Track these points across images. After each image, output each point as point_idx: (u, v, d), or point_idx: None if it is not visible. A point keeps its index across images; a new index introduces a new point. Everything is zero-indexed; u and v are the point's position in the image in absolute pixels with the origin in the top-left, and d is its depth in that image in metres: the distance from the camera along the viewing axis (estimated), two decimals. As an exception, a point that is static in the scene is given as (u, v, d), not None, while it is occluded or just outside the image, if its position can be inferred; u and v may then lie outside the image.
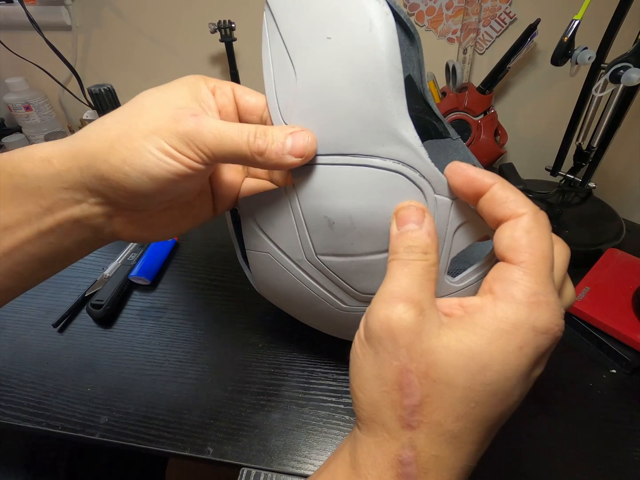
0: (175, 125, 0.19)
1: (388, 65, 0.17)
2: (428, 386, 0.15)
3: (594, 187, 0.51)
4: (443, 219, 0.20)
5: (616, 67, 0.39)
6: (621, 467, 0.29)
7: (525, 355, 0.15)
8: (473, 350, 0.15)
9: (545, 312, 0.15)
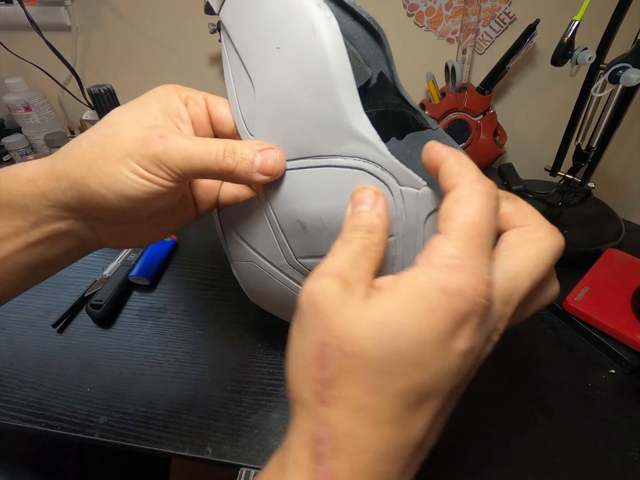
0: (146, 149, 0.20)
1: (336, 66, 0.18)
2: (343, 360, 0.15)
3: (593, 187, 0.51)
4: (412, 210, 0.20)
5: (615, 68, 0.39)
6: (620, 467, 0.29)
7: (437, 318, 0.14)
8: (386, 317, 0.14)
9: (458, 275, 0.14)
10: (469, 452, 0.30)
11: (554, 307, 0.41)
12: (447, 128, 0.61)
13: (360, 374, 0.14)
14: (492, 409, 0.33)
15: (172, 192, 0.22)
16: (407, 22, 0.62)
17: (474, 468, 0.29)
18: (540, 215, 0.19)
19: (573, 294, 0.39)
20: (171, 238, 0.50)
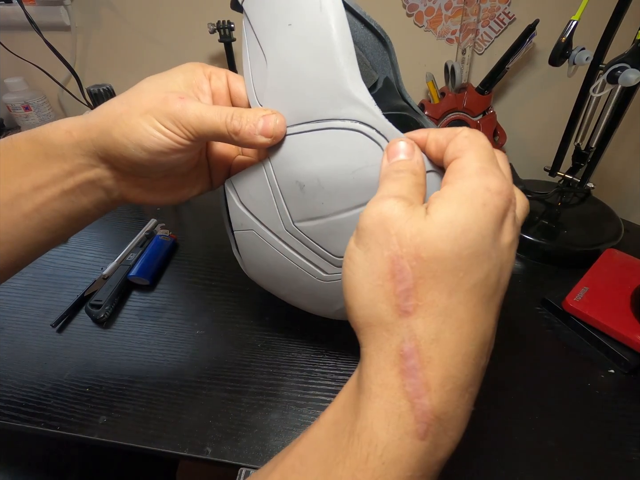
0: (165, 107, 0.22)
1: (338, 35, 0.20)
2: (419, 267, 0.15)
3: (593, 187, 0.51)
4: None
5: (614, 68, 0.39)
6: (620, 467, 0.29)
7: (489, 212, 0.15)
8: (452, 218, 0.15)
9: (493, 178, 0.16)
10: (468, 451, 0.30)
11: (553, 307, 0.41)
12: (447, 128, 0.60)
13: (439, 276, 0.15)
14: (492, 409, 0.33)
15: (186, 150, 0.24)
16: (407, 22, 0.62)
17: (474, 467, 0.29)
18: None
19: (572, 294, 0.39)
20: (171, 238, 0.50)
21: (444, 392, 0.15)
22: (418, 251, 0.15)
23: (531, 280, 0.46)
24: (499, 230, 0.16)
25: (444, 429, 0.15)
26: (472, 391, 0.16)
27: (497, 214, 0.16)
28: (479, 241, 0.15)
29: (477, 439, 0.31)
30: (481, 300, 0.16)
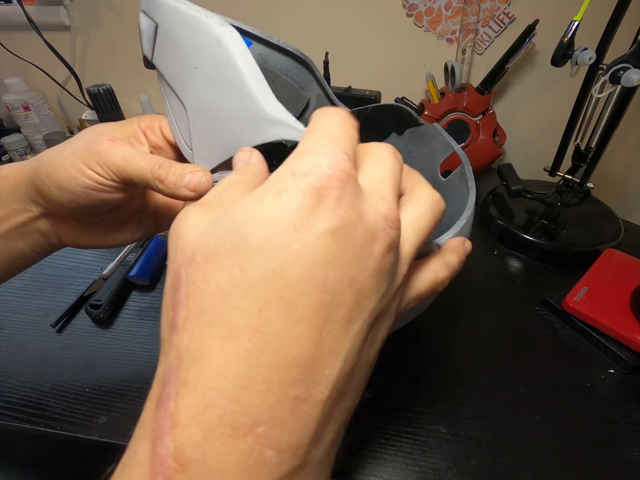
0: (91, 146, 0.22)
1: (242, 63, 0.21)
2: (193, 272, 0.13)
3: (593, 187, 0.51)
4: None
5: (616, 68, 0.39)
6: (619, 467, 0.29)
7: (286, 201, 0.12)
8: (233, 211, 0.13)
9: (309, 157, 0.13)
10: (467, 451, 0.30)
11: (553, 307, 0.41)
12: (447, 128, 0.61)
13: (212, 279, 0.12)
14: (492, 409, 0.33)
15: (111, 192, 0.23)
16: (407, 22, 0.62)
17: (473, 467, 0.29)
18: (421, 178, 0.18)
19: (572, 294, 0.39)
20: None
21: (197, 427, 0.11)
22: (194, 255, 0.13)
23: (531, 280, 0.46)
24: (308, 215, 0.12)
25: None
26: (270, 434, 0.11)
27: (299, 199, 0.12)
28: (260, 232, 0.12)
29: (477, 439, 0.31)
30: (270, 302, 0.12)
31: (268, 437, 0.11)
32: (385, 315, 0.14)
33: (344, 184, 0.13)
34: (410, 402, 0.33)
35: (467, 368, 0.36)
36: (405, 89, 0.66)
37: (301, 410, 0.12)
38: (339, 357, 0.12)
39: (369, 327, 0.13)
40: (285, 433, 0.11)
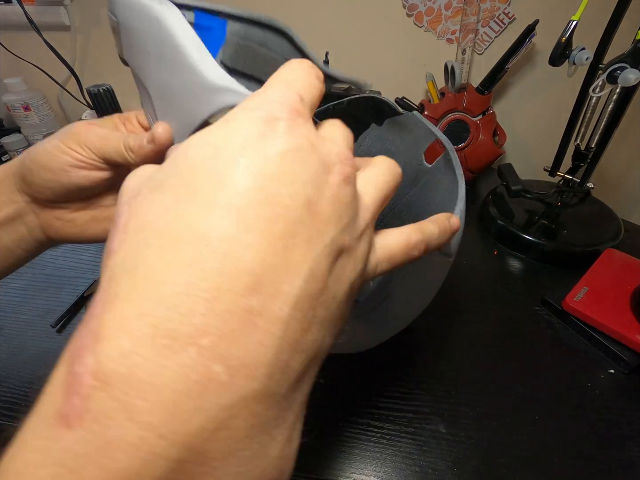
0: (71, 128, 0.25)
1: (182, 37, 0.21)
2: (136, 202, 0.12)
3: (593, 187, 0.51)
4: None
5: (613, 68, 0.39)
6: (620, 467, 0.29)
7: (233, 127, 0.12)
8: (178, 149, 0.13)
9: (258, 96, 0.13)
10: (467, 451, 0.30)
11: (553, 307, 0.41)
12: (447, 128, 0.61)
13: (154, 201, 0.12)
14: (492, 409, 0.33)
15: (90, 169, 0.25)
16: (407, 23, 0.62)
17: (473, 467, 0.29)
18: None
19: (572, 294, 0.39)
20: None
21: (125, 338, 0.09)
22: (140, 189, 0.13)
23: (531, 280, 0.46)
24: (257, 139, 0.12)
25: (121, 406, 0.09)
26: (219, 346, 0.09)
27: (242, 123, 0.12)
28: (206, 150, 0.12)
29: (477, 439, 0.31)
30: (229, 211, 0.11)
31: (215, 350, 0.09)
32: (350, 255, 0.13)
33: (294, 117, 0.13)
34: (410, 402, 0.33)
35: (467, 368, 0.36)
36: (405, 89, 0.66)
37: (256, 325, 0.10)
38: (299, 275, 0.11)
39: (332, 257, 0.12)
40: (237, 348, 0.10)
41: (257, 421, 0.10)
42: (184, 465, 0.09)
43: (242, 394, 0.10)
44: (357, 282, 0.14)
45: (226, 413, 0.09)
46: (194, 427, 0.09)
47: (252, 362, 0.10)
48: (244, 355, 0.10)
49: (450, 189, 0.33)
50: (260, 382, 0.10)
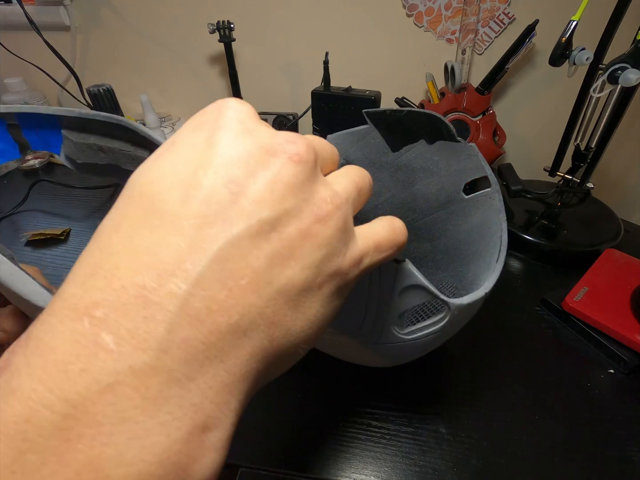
0: None
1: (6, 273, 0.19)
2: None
3: (592, 187, 0.51)
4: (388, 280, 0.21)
5: (614, 68, 0.39)
6: (619, 467, 0.29)
7: (187, 124, 0.14)
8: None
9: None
10: (467, 451, 0.30)
11: (553, 307, 0.41)
12: (447, 128, 0.61)
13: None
14: (491, 409, 0.33)
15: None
16: (407, 23, 0.62)
17: (473, 467, 0.29)
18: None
19: (572, 294, 0.39)
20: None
21: (46, 312, 0.11)
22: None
23: (531, 280, 0.46)
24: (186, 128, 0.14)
25: (26, 362, 0.10)
26: (109, 317, 0.10)
27: (200, 117, 0.14)
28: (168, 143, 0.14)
29: (477, 439, 0.31)
30: (139, 202, 0.12)
31: (106, 320, 0.10)
32: (305, 238, 0.12)
33: (233, 117, 0.13)
34: (410, 402, 0.33)
35: (466, 368, 0.36)
36: (405, 89, 0.66)
37: (148, 299, 0.10)
38: (204, 253, 0.11)
39: (262, 238, 0.12)
40: (127, 320, 0.10)
41: (150, 394, 0.10)
42: (69, 422, 0.09)
43: (129, 364, 0.10)
44: (324, 271, 0.13)
45: (111, 378, 0.10)
46: (79, 385, 0.10)
47: (142, 334, 0.10)
48: (134, 327, 0.10)
49: (481, 224, 0.33)
50: (151, 355, 0.10)
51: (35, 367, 0.10)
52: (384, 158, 0.41)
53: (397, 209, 0.43)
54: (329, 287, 0.14)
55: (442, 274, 0.40)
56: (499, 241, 0.28)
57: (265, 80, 0.74)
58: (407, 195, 0.42)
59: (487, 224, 0.32)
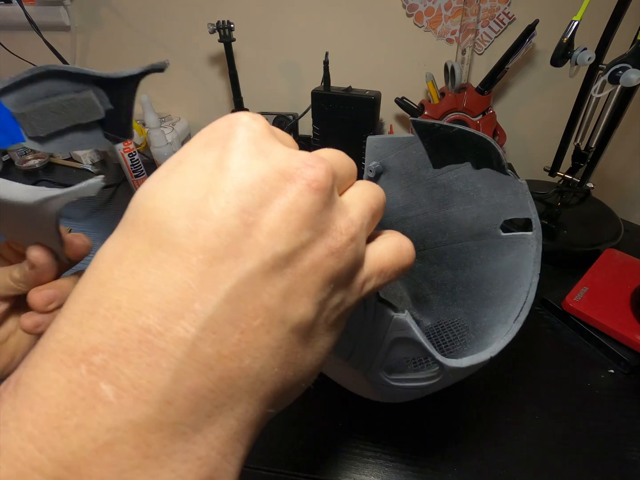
0: None
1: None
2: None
3: (592, 187, 0.51)
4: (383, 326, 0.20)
5: (615, 68, 0.39)
6: (619, 467, 0.29)
7: (194, 140, 0.13)
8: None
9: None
10: (468, 451, 0.30)
11: (553, 307, 0.41)
12: (447, 128, 0.60)
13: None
14: (491, 409, 0.33)
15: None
16: (407, 23, 0.62)
17: (473, 467, 0.29)
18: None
19: (572, 294, 0.39)
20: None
21: (36, 353, 0.10)
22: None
23: (531, 280, 0.46)
24: (205, 147, 0.12)
25: (15, 415, 0.09)
26: (109, 364, 0.09)
27: (203, 135, 0.13)
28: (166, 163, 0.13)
29: (477, 439, 0.31)
30: (144, 229, 0.11)
31: (105, 368, 0.09)
32: (317, 273, 0.12)
33: (235, 131, 0.12)
34: (410, 403, 0.33)
35: (467, 368, 0.36)
36: (405, 89, 0.66)
37: (153, 344, 0.09)
38: (215, 293, 0.10)
39: (277, 274, 0.11)
40: (128, 368, 0.09)
41: (152, 452, 0.09)
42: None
43: (130, 418, 0.09)
44: (332, 303, 0.12)
45: (110, 435, 0.09)
46: (74, 444, 0.08)
47: (145, 384, 0.09)
48: (136, 376, 0.09)
49: (511, 268, 0.31)
50: (154, 408, 0.09)
51: (25, 421, 0.09)
52: (423, 172, 0.37)
53: (425, 227, 0.40)
54: (333, 317, 0.13)
55: (457, 309, 0.37)
56: (525, 297, 0.25)
57: (265, 80, 0.74)
58: (440, 215, 0.39)
59: (517, 271, 0.29)
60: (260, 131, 0.12)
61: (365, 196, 0.14)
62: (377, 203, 0.15)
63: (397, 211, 0.39)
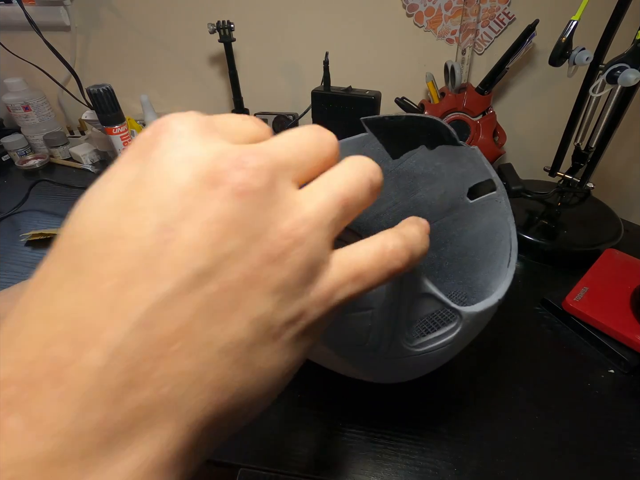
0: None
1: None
2: None
3: (593, 187, 0.51)
4: (394, 289, 0.20)
5: (613, 68, 0.39)
6: (619, 467, 0.29)
7: (122, 154, 0.12)
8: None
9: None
10: (468, 451, 0.30)
11: (553, 307, 0.41)
12: (447, 128, 0.61)
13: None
14: (491, 409, 0.33)
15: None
16: (407, 23, 0.62)
17: (473, 467, 0.29)
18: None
19: (572, 294, 0.39)
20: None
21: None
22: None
23: (531, 280, 0.46)
24: (137, 158, 0.11)
25: None
26: (20, 397, 0.09)
27: (136, 142, 0.12)
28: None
29: (477, 439, 0.31)
30: (63, 254, 0.11)
31: (14, 401, 0.09)
32: (254, 286, 0.11)
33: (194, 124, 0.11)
34: (410, 403, 0.33)
35: (466, 368, 0.36)
36: (405, 89, 0.66)
37: (62, 375, 0.09)
38: (126, 319, 0.09)
39: (200, 292, 0.10)
40: (37, 400, 0.09)
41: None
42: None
43: (34, 453, 0.09)
44: (280, 319, 0.11)
45: (12, 472, 0.08)
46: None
47: (51, 418, 0.09)
48: (44, 409, 0.09)
49: (488, 228, 0.32)
50: (59, 442, 0.09)
51: None
52: (385, 166, 0.40)
53: (399, 217, 0.41)
54: (289, 334, 0.11)
55: (450, 282, 0.39)
56: (509, 245, 0.27)
57: (265, 80, 0.74)
58: (409, 203, 0.41)
59: (495, 228, 0.31)
60: (188, 134, 0.11)
61: (334, 185, 0.12)
62: (355, 189, 0.12)
63: (369, 209, 0.40)
